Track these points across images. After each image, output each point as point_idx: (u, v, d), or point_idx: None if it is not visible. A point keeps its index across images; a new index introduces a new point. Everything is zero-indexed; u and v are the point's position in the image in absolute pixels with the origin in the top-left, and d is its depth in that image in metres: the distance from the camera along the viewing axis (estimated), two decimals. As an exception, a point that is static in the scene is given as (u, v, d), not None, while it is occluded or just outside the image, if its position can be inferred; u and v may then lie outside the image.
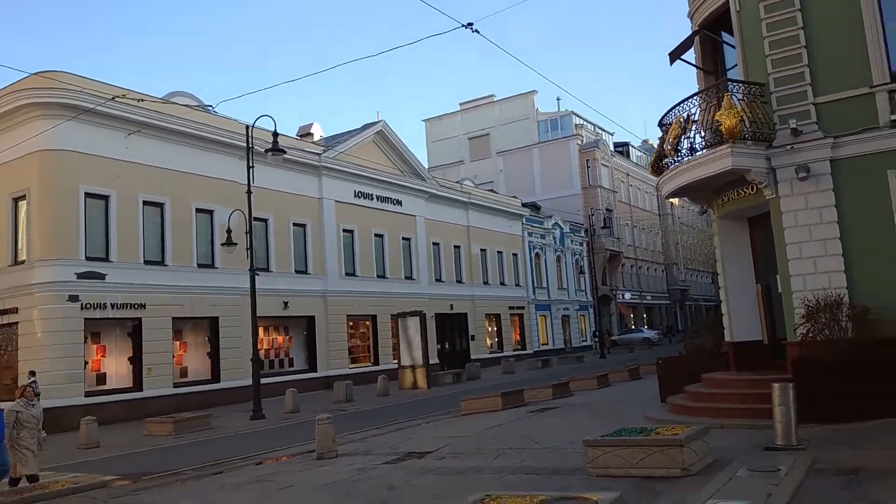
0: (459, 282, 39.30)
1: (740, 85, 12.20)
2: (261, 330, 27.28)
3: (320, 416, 12.13)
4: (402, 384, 26.84)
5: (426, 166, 43.63)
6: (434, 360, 32.94)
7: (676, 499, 6.76)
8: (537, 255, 48.05)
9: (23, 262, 21.62)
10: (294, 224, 29.20)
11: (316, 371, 28.81)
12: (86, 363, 21.27)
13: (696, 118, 12.19)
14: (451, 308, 37.66)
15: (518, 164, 58.16)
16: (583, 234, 51.54)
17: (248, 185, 20.98)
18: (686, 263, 71.91)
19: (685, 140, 12.76)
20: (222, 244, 22.01)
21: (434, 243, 37.53)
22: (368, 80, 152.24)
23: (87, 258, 21.68)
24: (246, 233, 21.36)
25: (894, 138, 11.01)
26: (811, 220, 11.39)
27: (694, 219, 67.77)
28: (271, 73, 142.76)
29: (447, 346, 36.90)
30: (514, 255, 45.00)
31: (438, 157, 61.65)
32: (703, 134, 12.10)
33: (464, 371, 29.95)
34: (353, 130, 34.65)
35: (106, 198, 22.53)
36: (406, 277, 35.01)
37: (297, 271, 29.02)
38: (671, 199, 46.62)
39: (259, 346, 26.99)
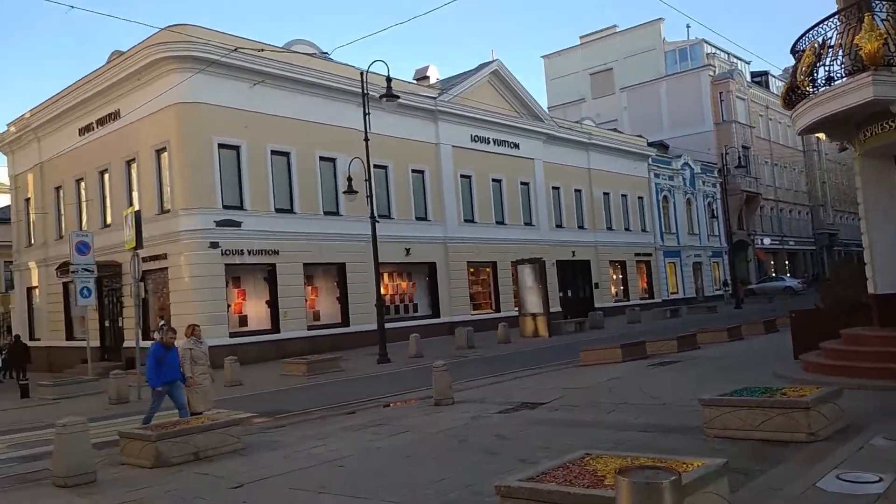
0: (581, 227, 38.52)
1: (885, 3, 10.77)
2: (385, 276, 28.25)
3: (437, 364, 12.41)
4: (523, 332, 26.99)
5: (545, 106, 42.57)
6: (556, 308, 32.82)
7: (799, 466, 6.36)
8: (665, 198, 46.02)
9: (168, 210, 23.42)
10: (413, 170, 29.57)
11: (439, 317, 29.49)
12: (228, 306, 22.96)
13: (832, 43, 10.95)
14: (573, 255, 37.08)
15: (643, 100, 55.37)
16: (716, 175, 48.69)
17: (365, 131, 21.33)
18: (834, 205, 66.35)
19: (820, 68, 11.54)
20: (343, 192, 22.73)
21: (553, 187, 36.83)
22: (483, 18, 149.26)
23: (224, 207, 23.13)
24: (365, 180, 21.87)
25: None
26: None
27: (844, 154, 62.03)
28: (387, 15, 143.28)
29: (570, 294, 36.51)
30: (640, 198, 43.36)
31: (558, 96, 59.85)
32: (840, 61, 10.86)
33: (586, 320, 29.62)
34: (468, 72, 34.16)
35: (237, 148, 23.75)
36: (525, 223, 34.71)
37: (417, 218, 29.53)
38: (816, 135, 42.97)
39: (384, 292, 28.08)
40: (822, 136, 15.70)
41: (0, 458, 10.53)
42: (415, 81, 32.75)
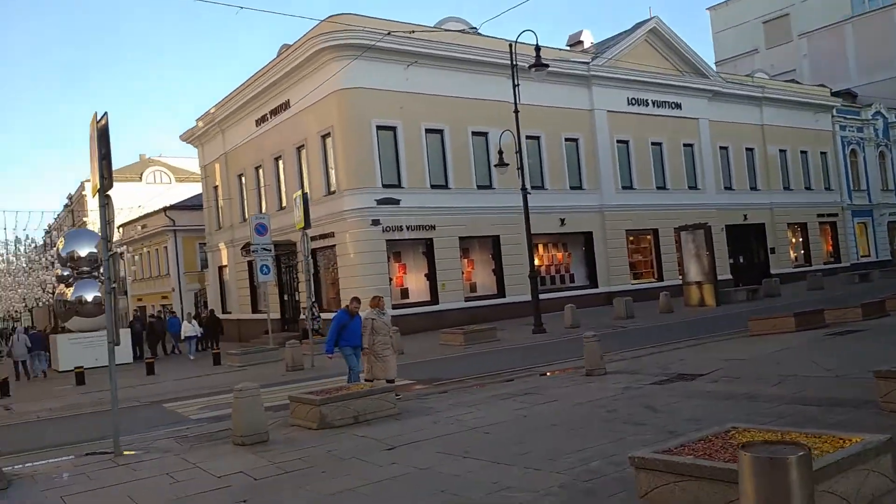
0: (753, 189, 35.83)
1: None
2: (539, 247, 28.15)
3: (587, 334, 12.25)
4: (687, 301, 25.76)
5: (711, 61, 39.77)
6: (725, 275, 30.98)
7: None
8: (853, 151, 41.54)
9: (334, 192, 24.88)
10: (566, 139, 29.01)
11: (596, 287, 28.93)
12: (390, 279, 24.08)
13: None
14: (745, 218, 34.64)
15: (826, 45, 49.98)
16: (916, 123, 43.09)
17: (515, 103, 21.21)
18: None
19: None
20: (494, 165, 22.81)
21: (721, 147, 34.49)
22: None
23: (384, 185, 24.17)
24: (516, 152, 21.80)
25: None
26: None
27: None
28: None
29: (741, 261, 34.23)
30: (823, 153, 39.47)
31: (726, 50, 55.59)
32: None
33: (759, 287, 27.66)
34: (623, 33, 32.67)
35: (393, 129, 24.65)
36: (689, 187, 32.89)
37: (571, 187, 29.01)
38: None
39: (538, 263, 28.02)
40: None
41: (193, 419, 11.91)
42: (567, 48, 31.97)
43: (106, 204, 9.18)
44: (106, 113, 9.19)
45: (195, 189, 44.32)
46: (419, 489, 6.17)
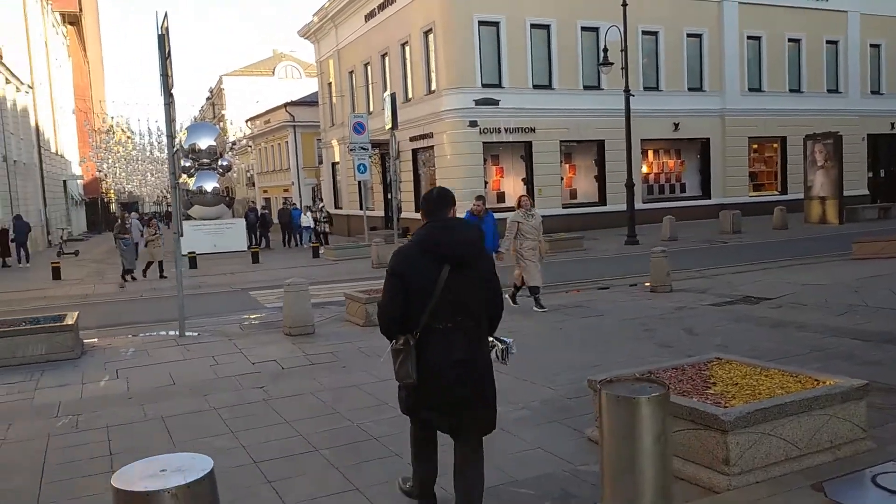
0: (908, 92, 31.72)
1: None
2: (649, 153, 26.82)
3: (654, 249, 11.78)
4: (807, 217, 23.92)
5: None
6: (861, 190, 28.27)
7: None
8: None
9: (433, 91, 24.65)
10: (688, 35, 26.75)
11: (709, 198, 27.30)
12: (486, 183, 23.95)
13: None
14: (893, 127, 30.93)
15: None
16: None
17: (627, -8, 19.68)
18: None
19: None
20: (598, 64, 21.57)
21: (872, 45, 30.49)
22: None
23: (483, 85, 23.62)
24: (621, 50, 20.47)
25: None
26: None
27: None
28: None
29: (882, 175, 30.91)
30: None
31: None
32: None
33: (893, 205, 25.02)
34: None
35: (496, 24, 23.72)
36: (829, 91, 29.62)
37: (690, 89, 26.99)
38: None
39: (647, 171, 26.82)
40: None
41: (267, 307, 12.79)
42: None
43: (169, 103, 9.66)
44: (166, 14, 9.51)
45: (313, 86, 45.42)
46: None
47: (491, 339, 3.67)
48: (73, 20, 56.10)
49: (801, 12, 28.54)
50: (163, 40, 9.44)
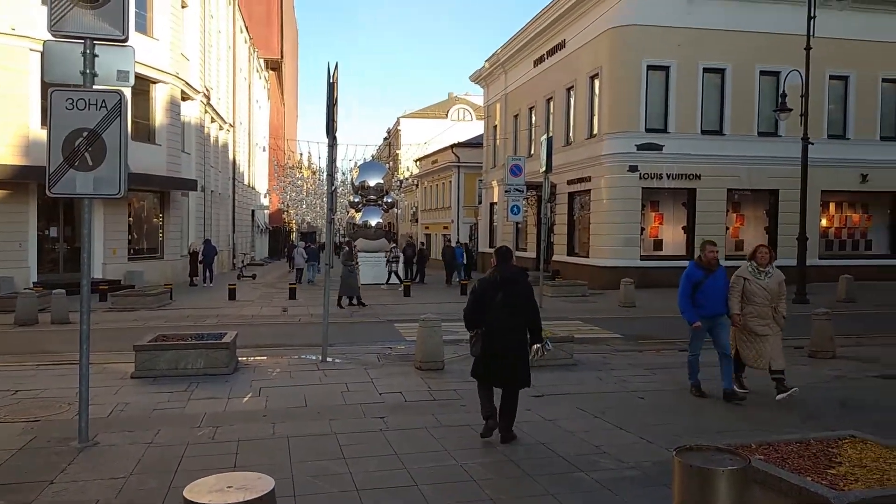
0: None
1: None
2: (830, 206, 24.75)
3: (817, 311, 10.80)
4: None
5: None
6: None
7: None
8: None
9: (595, 135, 24.47)
10: (883, 80, 24.42)
11: (900, 256, 24.50)
12: (642, 229, 23.23)
13: None
14: None
15: None
16: None
17: (808, 37, 18.45)
18: None
19: None
20: (774, 110, 20.28)
21: None
22: None
23: (647, 130, 23.08)
24: (801, 95, 19.11)
25: None
26: None
27: None
28: None
29: None
30: None
31: None
32: None
33: None
34: None
35: (666, 69, 23.17)
36: None
37: (882, 138, 24.52)
38: None
39: (827, 224, 24.66)
40: None
41: (408, 340, 13.18)
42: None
43: (332, 145, 10.47)
44: (336, 64, 10.36)
45: (479, 128, 46.81)
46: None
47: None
48: (275, 66, 62.60)
49: None
50: (332, 89, 10.27)
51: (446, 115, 67.85)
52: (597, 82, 24.52)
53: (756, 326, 7.66)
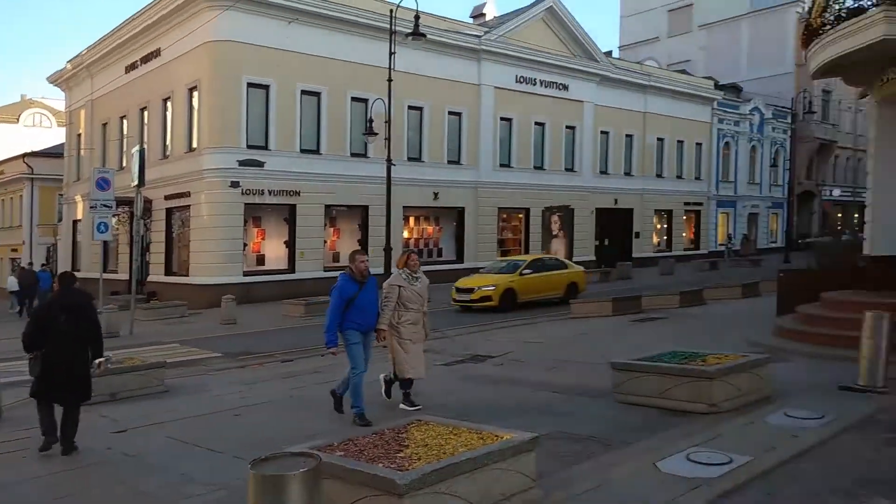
0: (628, 174, 36.68)
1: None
2: (410, 220, 28.03)
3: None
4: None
5: (616, 46, 40.20)
6: (589, 256, 31.83)
7: (664, 441, 5.76)
8: (727, 144, 43.32)
9: (194, 149, 23.70)
10: (449, 112, 28.68)
11: (463, 262, 28.96)
12: (245, 245, 23.26)
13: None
14: (616, 203, 35.57)
15: (722, 39, 51.37)
16: (788, 121, 45.30)
17: (389, 71, 20.37)
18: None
19: (834, 4, 10.33)
20: (362, 133, 22.29)
21: (602, 132, 35.12)
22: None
23: (248, 146, 23.13)
24: (385, 122, 21.27)
25: None
26: None
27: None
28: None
29: (607, 243, 35.08)
30: (699, 144, 40.88)
31: (631, 35, 56.43)
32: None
33: (612, 270, 28.44)
34: (522, 9, 32.54)
35: (266, 87, 23.49)
36: (567, 169, 33.31)
37: (449, 162, 28.83)
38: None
39: (408, 236, 27.92)
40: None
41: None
42: (469, 19, 31.48)
43: None
44: None
45: (61, 136, 41.53)
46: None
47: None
48: None
49: (547, 99, 31.97)
50: None
51: (17, 119, 58.41)
52: (196, 95, 23.79)
53: (411, 333, 7.52)
